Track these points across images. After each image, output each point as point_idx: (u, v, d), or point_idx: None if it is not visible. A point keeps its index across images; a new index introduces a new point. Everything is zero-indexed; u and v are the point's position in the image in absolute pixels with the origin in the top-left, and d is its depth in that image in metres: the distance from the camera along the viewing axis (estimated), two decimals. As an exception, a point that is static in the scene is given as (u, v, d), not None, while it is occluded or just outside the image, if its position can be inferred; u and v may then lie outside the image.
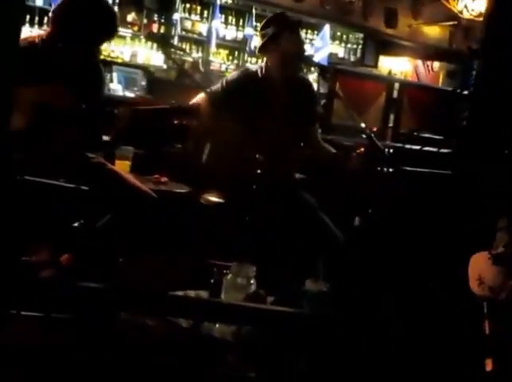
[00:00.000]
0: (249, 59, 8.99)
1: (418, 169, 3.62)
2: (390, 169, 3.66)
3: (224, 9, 8.79)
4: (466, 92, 4.35)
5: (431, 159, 3.87)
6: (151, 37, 6.99)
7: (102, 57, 7.86)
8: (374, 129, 5.33)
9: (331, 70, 5.84)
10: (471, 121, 2.53)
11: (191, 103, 3.97)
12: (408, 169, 3.63)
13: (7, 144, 1.93)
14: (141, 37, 8.19)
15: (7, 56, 1.90)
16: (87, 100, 3.47)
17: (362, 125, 3.81)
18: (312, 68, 7.99)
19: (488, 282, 2.78)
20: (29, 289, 3.14)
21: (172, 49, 6.94)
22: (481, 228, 2.71)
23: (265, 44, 4.03)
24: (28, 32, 6.77)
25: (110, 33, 3.66)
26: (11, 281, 3.09)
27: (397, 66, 9.74)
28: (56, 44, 3.53)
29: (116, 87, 7.63)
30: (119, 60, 8.06)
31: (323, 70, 4.30)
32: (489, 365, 2.68)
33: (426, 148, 3.96)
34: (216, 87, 4.07)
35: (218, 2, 8.58)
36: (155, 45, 8.20)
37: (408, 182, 3.60)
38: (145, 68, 7.96)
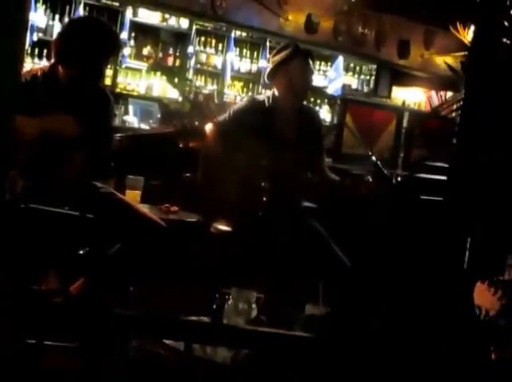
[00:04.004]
0: (263, 91, 9.06)
1: (422, 197, 3.64)
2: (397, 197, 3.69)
3: (239, 42, 8.88)
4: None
5: (439, 187, 3.88)
6: (155, 66, 7.04)
7: (118, 90, 8.00)
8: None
9: (340, 100, 5.90)
10: (459, 144, 2.56)
11: None
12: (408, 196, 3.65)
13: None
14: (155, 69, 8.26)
15: (7, 83, 1.93)
16: (93, 128, 3.52)
17: (370, 153, 3.85)
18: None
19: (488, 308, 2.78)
20: (41, 317, 3.19)
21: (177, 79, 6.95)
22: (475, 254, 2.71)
23: (274, 70, 4.07)
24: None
25: (109, 50, 3.67)
26: (24, 310, 3.14)
27: (410, 97, 9.78)
28: (57, 75, 3.59)
29: (132, 120, 7.72)
30: (135, 93, 8.16)
31: (331, 100, 4.36)
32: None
33: (432, 176, 3.99)
34: (224, 116, 4.12)
35: (232, 35, 8.68)
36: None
37: (413, 210, 3.62)
38: (160, 101, 8.05)
